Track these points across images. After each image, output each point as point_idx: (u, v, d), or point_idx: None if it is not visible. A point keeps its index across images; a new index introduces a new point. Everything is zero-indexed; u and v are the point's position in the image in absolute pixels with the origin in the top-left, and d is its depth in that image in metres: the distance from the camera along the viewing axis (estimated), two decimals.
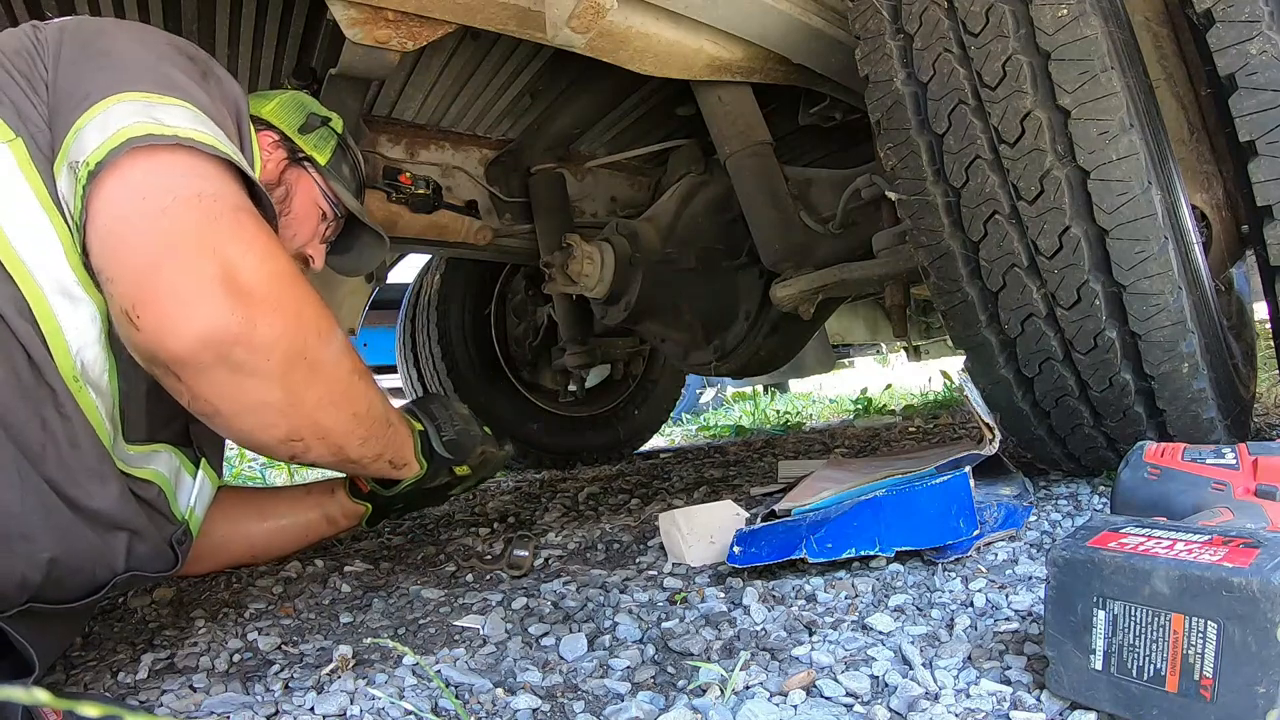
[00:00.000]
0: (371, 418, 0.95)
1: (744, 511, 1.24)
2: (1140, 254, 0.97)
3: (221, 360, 0.73)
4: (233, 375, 0.75)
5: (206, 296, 0.72)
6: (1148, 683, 0.56)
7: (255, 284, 0.75)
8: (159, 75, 0.81)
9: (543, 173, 2.06)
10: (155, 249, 0.71)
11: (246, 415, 0.80)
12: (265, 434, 0.82)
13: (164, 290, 0.71)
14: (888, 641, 0.78)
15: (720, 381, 6.06)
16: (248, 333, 0.74)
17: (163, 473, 0.89)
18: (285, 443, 0.84)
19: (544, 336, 2.75)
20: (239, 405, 0.78)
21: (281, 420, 0.82)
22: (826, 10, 1.44)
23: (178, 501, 0.93)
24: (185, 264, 0.71)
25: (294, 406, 0.81)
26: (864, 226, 1.75)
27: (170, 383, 0.76)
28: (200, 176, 0.76)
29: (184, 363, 0.73)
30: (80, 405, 0.77)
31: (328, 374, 0.84)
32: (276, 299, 0.77)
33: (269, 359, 0.76)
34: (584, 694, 0.75)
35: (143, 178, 0.73)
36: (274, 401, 0.79)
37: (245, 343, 0.74)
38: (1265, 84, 0.97)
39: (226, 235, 0.74)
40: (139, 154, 0.73)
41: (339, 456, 0.93)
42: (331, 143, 1.22)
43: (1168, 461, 0.87)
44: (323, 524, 1.29)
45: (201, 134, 0.77)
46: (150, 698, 0.83)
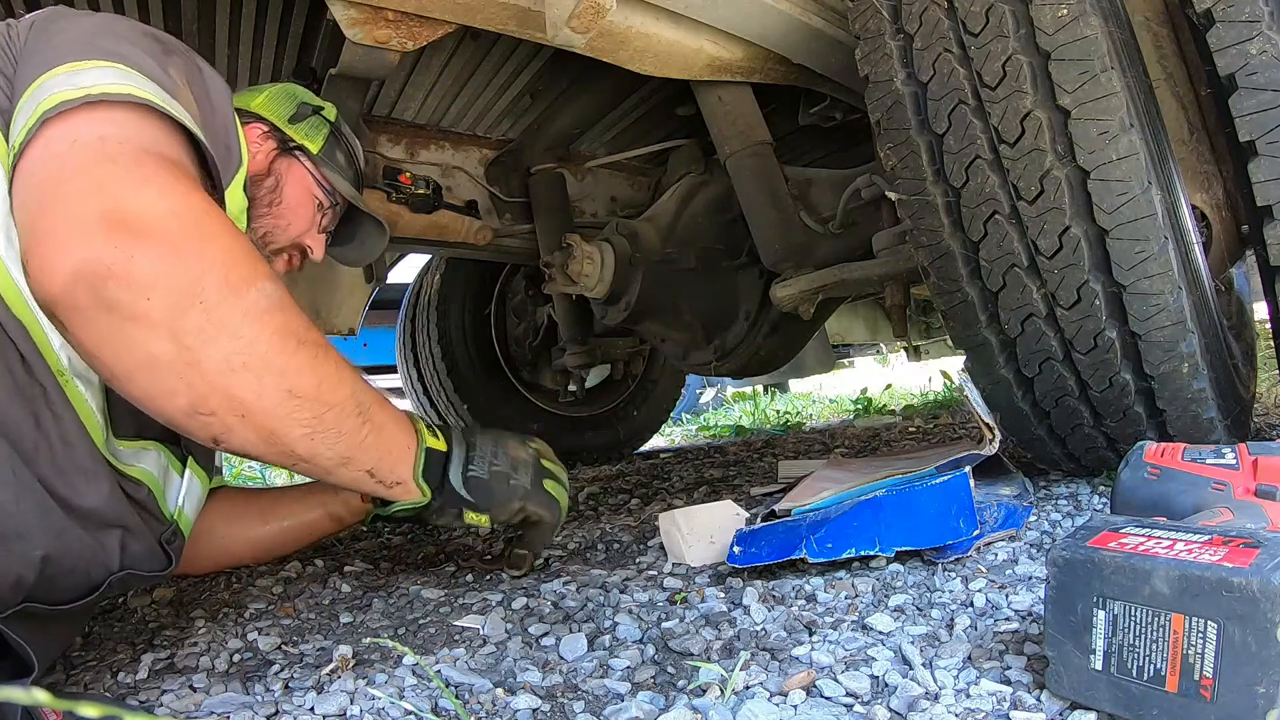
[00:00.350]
0: (324, 402, 0.77)
1: (744, 511, 1.24)
2: (1140, 254, 0.97)
3: (96, 298, 0.65)
4: (111, 317, 0.66)
5: (83, 231, 0.65)
6: (1148, 683, 0.56)
7: (144, 219, 0.67)
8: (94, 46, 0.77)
9: (543, 173, 2.06)
10: (45, 192, 0.67)
11: (139, 372, 0.69)
12: (167, 401, 0.70)
13: (47, 230, 0.66)
14: (888, 641, 0.78)
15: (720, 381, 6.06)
16: (122, 265, 0.65)
17: (151, 471, 0.89)
18: (193, 415, 0.71)
19: (544, 336, 2.75)
20: (127, 359, 0.68)
21: (179, 384, 0.69)
22: (826, 10, 1.44)
23: (166, 501, 0.92)
24: (69, 202, 0.66)
25: (191, 366, 0.69)
26: (864, 226, 1.75)
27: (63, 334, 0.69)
28: (108, 122, 0.71)
29: (61, 302, 0.66)
30: (70, 400, 0.77)
31: (239, 329, 0.70)
32: (164, 235, 0.68)
33: (148, 297, 0.66)
34: (584, 694, 0.75)
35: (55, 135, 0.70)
36: (162, 355, 0.68)
37: (119, 277, 0.65)
38: (1265, 84, 0.97)
39: (120, 173, 0.68)
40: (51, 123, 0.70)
41: (277, 447, 0.76)
42: (324, 131, 1.20)
43: (1168, 461, 0.87)
44: (326, 521, 1.29)
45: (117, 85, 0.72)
46: (150, 698, 0.83)
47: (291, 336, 0.75)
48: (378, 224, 1.29)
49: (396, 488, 0.92)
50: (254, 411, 0.73)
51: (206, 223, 0.71)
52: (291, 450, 0.78)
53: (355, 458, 0.84)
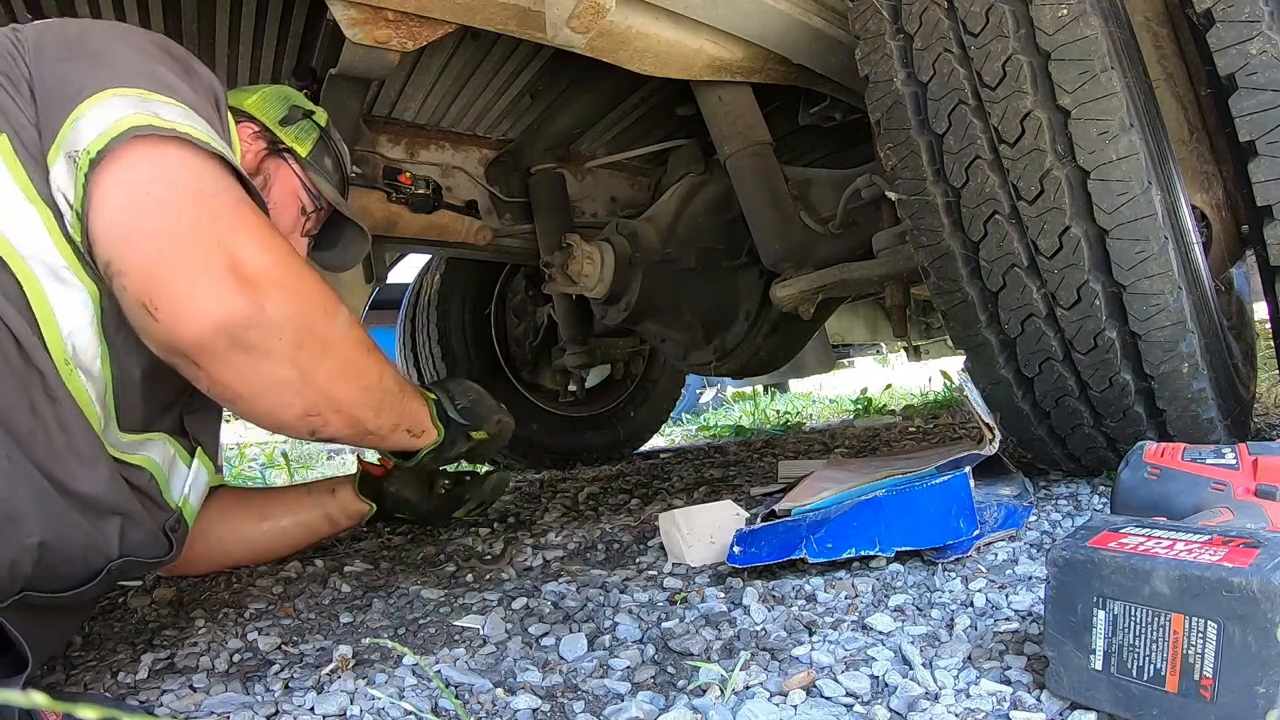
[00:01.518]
0: (383, 389, 0.98)
1: (744, 511, 1.24)
2: (1140, 254, 0.97)
3: (235, 344, 0.77)
4: (248, 358, 0.79)
5: (217, 286, 0.76)
6: (1148, 683, 0.56)
7: (260, 269, 0.79)
8: (150, 73, 0.83)
9: (543, 173, 2.06)
10: (165, 244, 0.75)
11: (265, 395, 0.83)
12: (284, 412, 0.86)
13: (177, 283, 0.74)
14: (888, 641, 0.78)
15: (720, 381, 6.06)
16: (257, 315, 0.78)
17: (155, 459, 0.90)
18: (304, 419, 0.88)
19: (544, 336, 2.75)
20: (257, 386, 0.82)
21: (297, 398, 0.85)
22: (826, 10, 1.44)
23: (170, 489, 0.93)
24: (195, 257, 0.75)
25: (307, 383, 0.85)
26: (864, 226, 1.75)
27: (190, 370, 0.79)
28: (199, 172, 0.79)
29: (201, 349, 0.76)
30: (70, 389, 0.77)
31: (336, 348, 0.88)
32: (281, 281, 0.81)
33: (280, 338, 0.80)
34: (584, 694, 0.75)
35: (147, 170, 0.76)
36: (288, 379, 0.83)
37: (256, 325, 0.78)
38: (1265, 84, 0.97)
39: (229, 227, 0.78)
40: (140, 144, 0.76)
41: (357, 429, 0.96)
42: (313, 135, 1.22)
43: (1168, 461, 0.87)
44: (323, 524, 1.29)
45: (197, 131, 0.79)
46: (150, 698, 0.83)
47: (363, 345, 0.93)
48: (360, 230, 1.30)
49: (424, 435, 1.15)
50: (346, 406, 0.91)
51: (301, 265, 0.85)
52: (365, 428, 0.97)
53: (400, 422, 1.06)
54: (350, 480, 1.36)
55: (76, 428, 0.78)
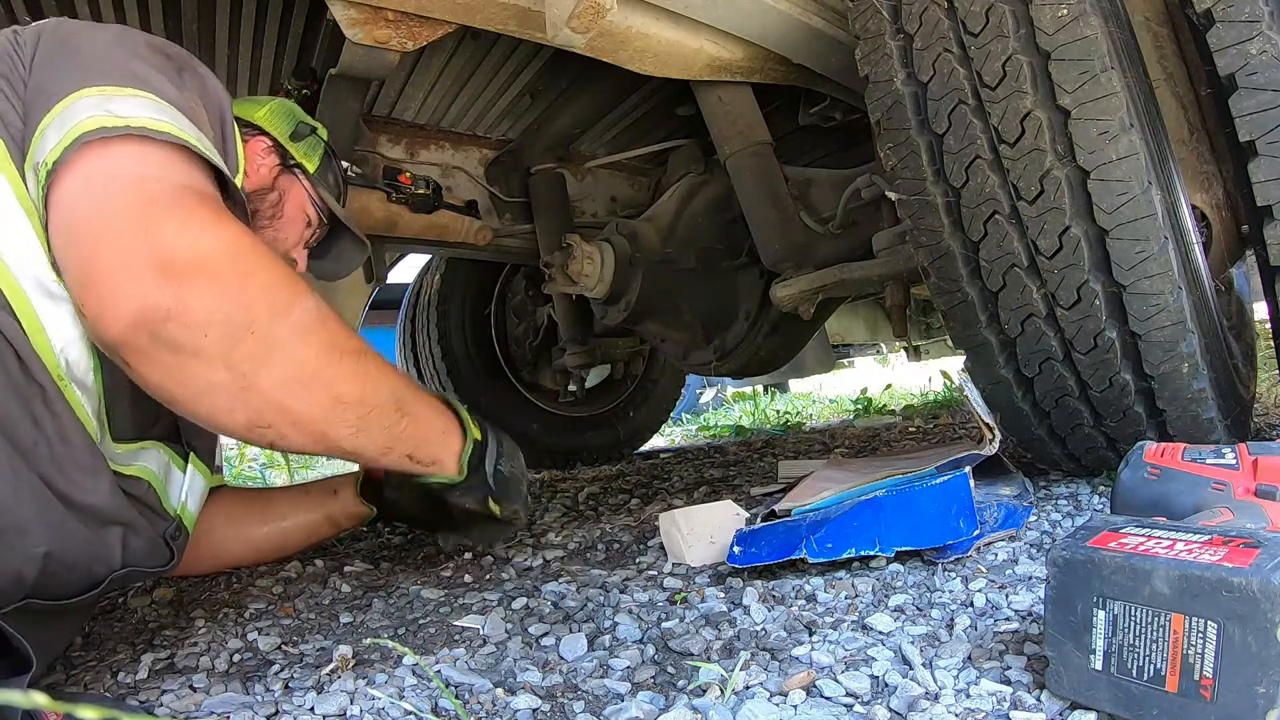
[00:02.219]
0: (365, 403, 0.84)
1: (744, 511, 1.24)
2: (1140, 254, 0.97)
3: (156, 340, 0.70)
4: (173, 356, 0.71)
5: (135, 276, 0.69)
6: (1148, 683, 0.56)
7: (189, 259, 0.71)
8: (121, 69, 0.79)
9: (543, 173, 2.06)
10: (94, 235, 0.70)
11: (200, 399, 0.75)
12: (226, 419, 0.76)
13: (100, 275, 0.69)
14: (888, 641, 0.78)
15: (720, 381, 6.06)
16: (178, 309, 0.69)
17: (151, 469, 0.89)
18: (251, 429, 0.78)
19: (544, 336, 2.75)
20: (189, 389, 0.74)
21: (236, 404, 0.75)
22: (826, 10, 1.44)
23: (168, 497, 0.93)
24: (118, 246, 0.69)
25: (247, 389, 0.74)
26: (864, 226, 1.75)
27: (129, 372, 0.74)
28: (145, 162, 0.74)
29: (122, 345, 0.70)
30: (69, 402, 0.77)
31: (287, 351, 0.76)
32: (212, 273, 0.72)
33: (206, 335, 0.71)
34: (584, 694, 0.75)
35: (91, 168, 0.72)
36: (222, 383, 0.73)
37: (177, 319, 0.70)
38: (1265, 84, 0.97)
39: (162, 214, 0.72)
40: (90, 148, 0.72)
41: (327, 446, 0.84)
42: (320, 151, 1.25)
43: (1168, 461, 0.87)
44: (324, 525, 1.29)
45: (156, 122, 0.75)
46: (150, 698, 0.83)
47: (335, 349, 0.80)
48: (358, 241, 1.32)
49: (433, 466, 1.01)
50: (305, 420, 0.79)
51: (247, 255, 0.75)
52: (339, 447, 0.84)
53: (395, 447, 0.92)
54: (352, 481, 1.35)
55: (77, 440, 0.78)
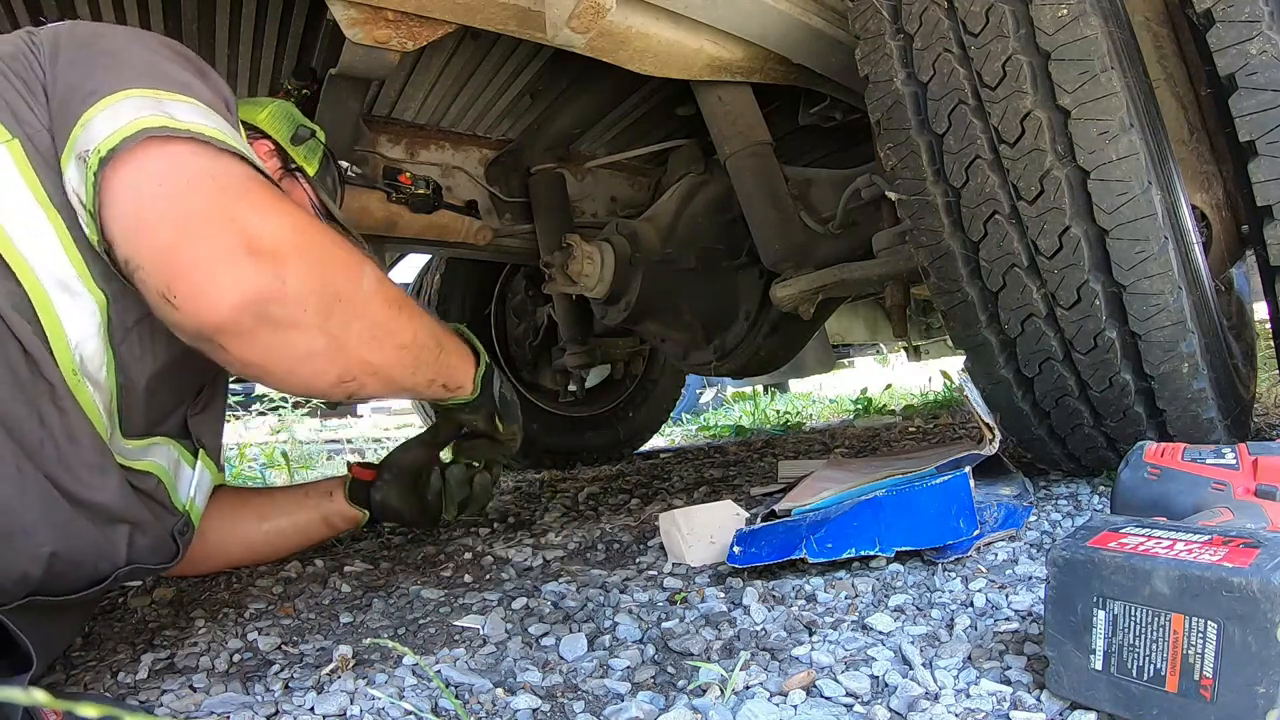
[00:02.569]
0: (418, 345, 0.97)
1: (744, 511, 1.24)
2: (1140, 254, 0.97)
3: (261, 319, 0.75)
4: (275, 332, 0.77)
5: (233, 263, 0.73)
6: (1148, 683, 0.56)
7: (276, 241, 0.76)
8: (165, 73, 0.83)
9: (543, 173, 2.06)
10: (177, 229, 0.73)
11: (297, 368, 0.82)
12: (318, 380, 0.85)
13: (193, 266, 0.73)
14: (888, 641, 0.78)
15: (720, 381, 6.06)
16: (279, 288, 0.75)
17: (161, 464, 0.90)
18: (338, 385, 0.87)
19: (544, 336, 2.74)
20: (288, 359, 0.80)
21: (330, 365, 0.84)
22: (826, 10, 1.44)
23: (178, 492, 0.93)
24: (207, 238, 0.73)
25: (339, 350, 0.83)
26: (864, 226, 1.74)
27: (217, 354, 0.78)
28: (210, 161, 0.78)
29: (226, 330, 0.74)
30: (78, 400, 0.77)
31: (365, 311, 0.86)
32: (299, 250, 0.78)
33: (305, 308, 0.78)
34: (584, 694, 0.75)
35: (157, 165, 0.75)
36: (320, 349, 0.81)
37: (279, 298, 0.76)
38: (1265, 84, 0.97)
39: (240, 203, 0.76)
40: (153, 144, 0.75)
41: (392, 387, 0.96)
42: (319, 154, 1.26)
43: (1168, 461, 0.87)
44: (321, 526, 1.30)
45: (210, 129, 0.79)
46: (150, 698, 0.83)
47: (393, 303, 0.90)
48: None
49: (458, 390, 1.16)
50: (380, 368, 0.90)
51: (319, 231, 0.82)
52: (400, 385, 0.97)
53: (436, 377, 1.07)
54: (344, 484, 1.34)
55: (84, 438, 0.78)
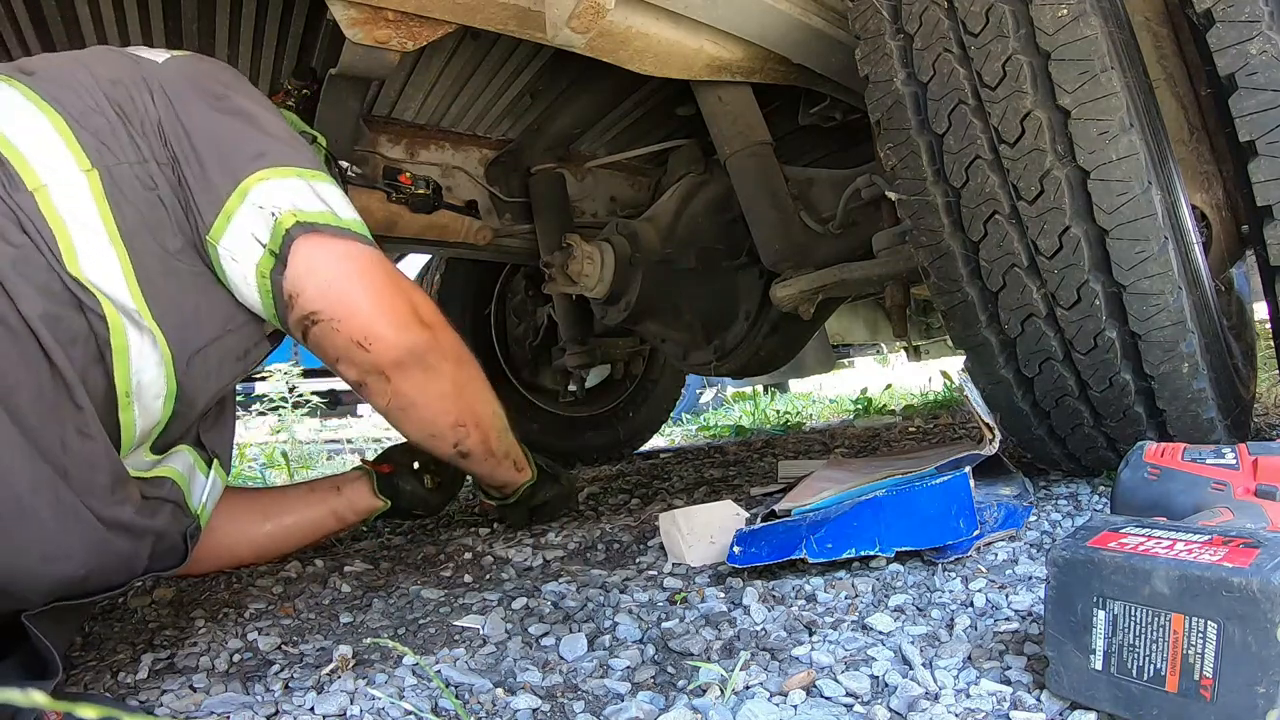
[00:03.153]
0: (500, 416, 1.24)
1: (744, 511, 1.24)
2: (1140, 254, 0.97)
3: (419, 363, 1.05)
4: (425, 374, 1.06)
5: (409, 324, 1.03)
6: (1148, 683, 0.56)
7: (428, 312, 1.07)
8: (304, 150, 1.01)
9: (543, 173, 2.06)
10: (369, 298, 0.99)
11: (432, 403, 1.10)
12: (442, 419, 1.13)
13: (385, 325, 1.00)
14: (888, 641, 0.78)
15: (720, 381, 6.05)
16: (435, 344, 1.06)
17: (179, 469, 0.93)
18: (454, 427, 1.15)
19: (544, 336, 2.74)
20: (428, 395, 1.09)
21: (453, 407, 1.13)
22: (826, 10, 1.44)
23: (191, 496, 0.96)
24: (391, 306, 1.01)
25: (460, 395, 1.13)
26: (864, 226, 1.74)
27: (379, 384, 1.04)
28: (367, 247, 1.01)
29: (398, 367, 1.03)
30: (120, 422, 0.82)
31: (475, 375, 1.16)
32: (441, 321, 1.09)
33: (445, 360, 1.08)
34: (584, 694, 0.75)
35: (343, 250, 0.98)
36: (449, 392, 1.11)
37: (434, 350, 1.06)
38: (1265, 84, 0.97)
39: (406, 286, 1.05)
40: (334, 235, 0.96)
41: (486, 447, 1.21)
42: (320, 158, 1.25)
43: (1168, 461, 0.87)
44: (330, 520, 1.31)
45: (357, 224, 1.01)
46: (150, 698, 0.83)
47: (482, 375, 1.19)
48: None
49: (523, 472, 1.38)
50: (483, 421, 1.19)
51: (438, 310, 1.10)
52: (491, 448, 1.24)
53: (510, 452, 1.30)
54: (360, 477, 1.39)
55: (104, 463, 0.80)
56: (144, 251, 0.83)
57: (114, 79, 0.87)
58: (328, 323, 0.97)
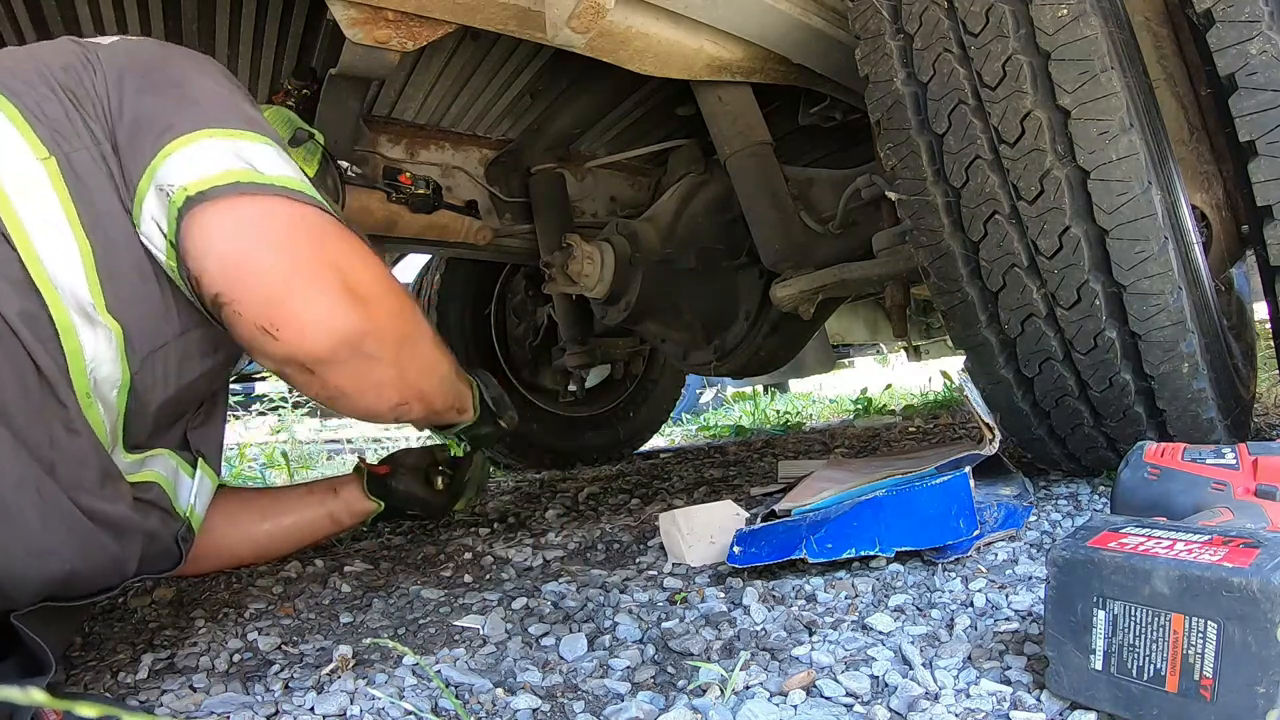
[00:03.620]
0: (449, 377, 1.14)
1: (744, 511, 1.24)
2: (1140, 254, 0.97)
3: (355, 353, 0.87)
4: (362, 363, 0.89)
5: (337, 305, 0.83)
6: (1148, 683, 0.56)
7: (368, 287, 0.87)
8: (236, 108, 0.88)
9: (543, 173, 2.06)
10: (283, 273, 0.81)
11: (369, 392, 0.93)
12: (382, 404, 0.97)
13: (300, 307, 0.81)
14: (888, 641, 0.78)
15: (720, 381, 6.05)
16: (373, 327, 0.87)
17: (161, 473, 0.91)
18: (395, 408, 1.00)
19: (544, 336, 2.74)
20: (364, 385, 0.92)
21: (395, 392, 0.97)
22: (826, 10, 1.44)
23: (178, 500, 0.94)
24: (314, 283, 0.83)
25: (403, 379, 0.96)
26: (864, 226, 1.74)
27: (302, 378, 0.87)
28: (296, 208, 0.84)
29: (325, 360, 0.85)
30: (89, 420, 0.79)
31: (422, 349, 1.01)
32: (383, 295, 0.90)
33: (386, 345, 0.90)
34: (584, 694, 0.75)
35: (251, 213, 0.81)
36: (390, 379, 0.94)
37: (372, 334, 0.87)
38: (1265, 84, 0.97)
39: (336, 251, 0.85)
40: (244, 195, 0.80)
41: (429, 411, 1.10)
42: (318, 155, 1.26)
43: (1168, 461, 0.87)
44: (326, 522, 1.30)
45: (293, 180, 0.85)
46: (150, 698, 0.83)
47: (436, 342, 1.07)
48: None
49: (465, 414, 1.28)
50: (427, 395, 1.05)
51: (391, 278, 0.94)
52: (435, 410, 1.12)
53: (454, 403, 1.21)
54: (355, 480, 1.38)
55: (93, 457, 0.79)
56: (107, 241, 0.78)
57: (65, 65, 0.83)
58: (230, 306, 0.80)
